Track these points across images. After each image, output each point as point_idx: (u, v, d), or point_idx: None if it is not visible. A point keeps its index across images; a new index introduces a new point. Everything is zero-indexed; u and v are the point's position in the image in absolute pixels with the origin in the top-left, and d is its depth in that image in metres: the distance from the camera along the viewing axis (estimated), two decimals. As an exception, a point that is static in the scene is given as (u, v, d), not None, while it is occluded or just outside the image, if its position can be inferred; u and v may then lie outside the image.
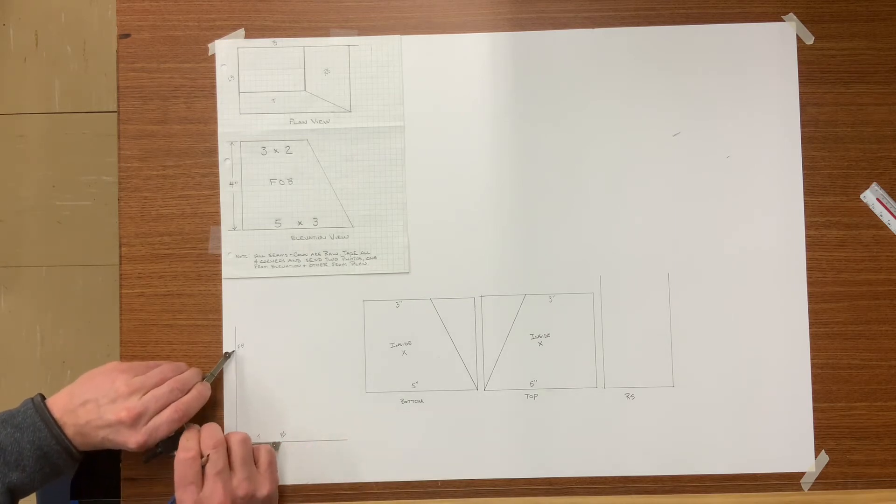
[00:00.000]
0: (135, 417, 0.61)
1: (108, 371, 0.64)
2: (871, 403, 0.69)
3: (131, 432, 0.61)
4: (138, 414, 0.61)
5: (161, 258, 0.70)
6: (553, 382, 0.70)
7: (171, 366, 0.66)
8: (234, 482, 0.62)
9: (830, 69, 0.70)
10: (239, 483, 0.62)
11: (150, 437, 0.61)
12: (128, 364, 0.66)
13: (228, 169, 0.71)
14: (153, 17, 0.71)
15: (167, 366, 0.66)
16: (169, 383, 0.64)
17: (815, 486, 0.69)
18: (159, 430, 0.61)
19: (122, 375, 0.63)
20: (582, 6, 0.71)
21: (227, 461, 0.63)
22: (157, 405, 0.62)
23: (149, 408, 0.61)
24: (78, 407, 0.61)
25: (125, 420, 0.60)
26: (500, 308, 0.70)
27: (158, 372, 0.65)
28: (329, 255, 0.70)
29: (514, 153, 0.71)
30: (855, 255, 0.70)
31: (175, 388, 0.63)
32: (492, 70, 0.71)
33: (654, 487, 0.69)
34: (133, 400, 0.61)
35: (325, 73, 0.71)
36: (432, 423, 0.70)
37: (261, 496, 0.63)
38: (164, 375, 0.64)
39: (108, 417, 0.60)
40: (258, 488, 0.63)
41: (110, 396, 0.61)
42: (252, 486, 0.63)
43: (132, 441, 0.61)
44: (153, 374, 0.64)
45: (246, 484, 0.62)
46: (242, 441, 0.64)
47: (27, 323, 1.29)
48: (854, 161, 0.70)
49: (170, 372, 0.65)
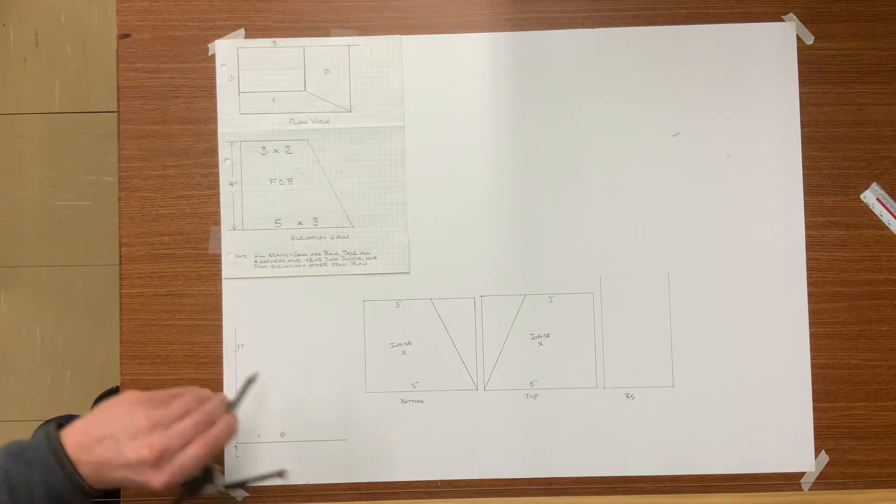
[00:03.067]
0: (158, 456, 0.55)
1: (127, 403, 0.58)
2: (871, 403, 0.69)
3: (155, 472, 0.55)
4: (161, 452, 0.55)
5: (161, 258, 0.70)
6: (553, 382, 0.70)
7: (194, 395, 0.61)
8: (153, 437, 0.56)
9: (830, 69, 0.70)
10: (152, 442, 0.56)
11: (176, 476, 0.56)
12: (147, 394, 0.60)
13: (228, 169, 0.71)
14: (153, 17, 0.71)
15: (190, 395, 0.60)
16: (194, 416, 0.58)
17: (815, 486, 0.69)
18: (185, 469, 0.56)
19: (142, 408, 0.57)
20: (582, 6, 0.71)
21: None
22: (181, 441, 0.56)
23: (173, 444, 0.56)
24: (94, 443, 0.56)
25: (147, 459, 0.55)
26: (500, 308, 0.70)
27: (182, 403, 0.59)
28: (329, 255, 0.70)
29: (514, 153, 0.71)
30: (855, 255, 0.70)
31: (200, 422, 0.58)
32: (492, 70, 0.71)
33: (653, 487, 0.69)
34: (155, 436, 0.56)
35: (325, 73, 0.71)
36: (432, 423, 0.70)
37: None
38: (188, 406, 0.59)
39: (129, 456, 0.55)
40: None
41: (130, 432, 0.56)
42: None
43: (156, 481, 0.55)
44: (176, 406, 0.59)
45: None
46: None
47: (27, 323, 1.29)
48: (854, 161, 0.70)
49: (193, 402, 0.60)
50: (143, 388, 0.69)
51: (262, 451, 0.70)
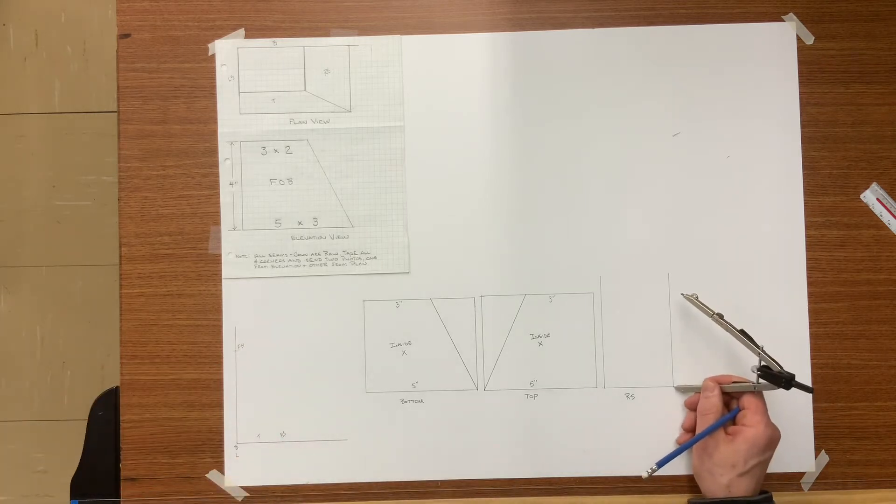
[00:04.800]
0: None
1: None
2: (871, 403, 0.69)
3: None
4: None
5: (161, 258, 0.70)
6: (553, 382, 0.70)
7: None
8: None
9: (830, 69, 0.70)
10: None
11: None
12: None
13: (228, 169, 0.71)
14: (153, 17, 0.71)
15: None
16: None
17: (815, 486, 0.69)
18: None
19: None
20: (582, 6, 0.71)
21: None
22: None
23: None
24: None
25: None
26: (500, 308, 0.70)
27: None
28: (329, 255, 0.70)
29: (514, 153, 0.71)
30: (855, 255, 0.70)
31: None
32: (492, 70, 0.71)
33: (653, 487, 0.69)
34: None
35: (325, 73, 0.71)
36: (432, 423, 0.69)
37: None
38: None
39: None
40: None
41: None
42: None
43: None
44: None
45: None
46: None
47: (27, 323, 1.29)
48: (854, 161, 0.70)
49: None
50: (143, 388, 0.70)
51: (262, 451, 0.70)
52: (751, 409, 0.64)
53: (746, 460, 0.62)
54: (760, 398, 0.65)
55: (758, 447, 0.62)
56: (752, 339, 0.65)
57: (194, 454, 0.70)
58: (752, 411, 0.64)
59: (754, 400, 0.64)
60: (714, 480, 0.63)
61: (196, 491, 0.70)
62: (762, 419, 0.63)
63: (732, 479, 0.62)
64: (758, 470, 0.62)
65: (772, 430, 0.63)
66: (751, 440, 0.62)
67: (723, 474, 0.63)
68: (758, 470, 0.62)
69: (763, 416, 0.63)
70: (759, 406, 0.64)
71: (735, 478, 0.62)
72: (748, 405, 0.64)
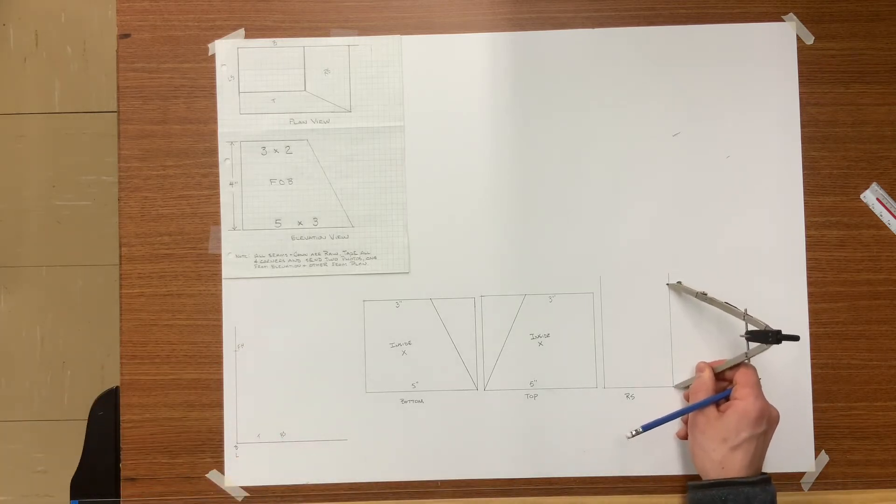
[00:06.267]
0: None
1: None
2: (871, 403, 0.69)
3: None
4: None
5: (161, 258, 0.70)
6: (553, 382, 0.70)
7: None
8: None
9: (830, 69, 0.70)
10: None
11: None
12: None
13: (228, 169, 0.71)
14: (153, 17, 0.71)
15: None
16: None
17: (815, 486, 0.69)
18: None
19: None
20: (582, 6, 0.71)
21: None
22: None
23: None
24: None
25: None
26: (500, 308, 0.70)
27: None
28: (329, 255, 0.70)
29: (514, 153, 0.71)
30: (855, 255, 0.70)
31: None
32: (492, 70, 0.71)
33: (653, 487, 0.69)
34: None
35: (325, 73, 0.71)
36: (432, 423, 0.70)
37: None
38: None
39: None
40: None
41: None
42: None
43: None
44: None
45: None
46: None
47: (27, 323, 1.29)
48: (854, 161, 0.70)
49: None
50: (143, 388, 0.70)
51: (262, 451, 0.70)
52: (741, 382, 0.63)
53: (738, 432, 0.61)
54: (752, 372, 0.64)
55: (748, 419, 0.61)
56: (735, 307, 0.65)
57: (194, 454, 0.70)
58: (741, 385, 0.63)
59: (745, 373, 0.64)
60: (707, 457, 0.62)
61: (196, 491, 0.70)
62: (752, 391, 0.62)
63: (725, 454, 0.61)
64: (751, 445, 0.61)
65: (762, 402, 0.62)
66: (741, 411, 0.61)
67: (715, 449, 0.62)
68: (751, 445, 0.61)
69: (753, 389, 0.63)
70: (750, 379, 0.63)
71: (728, 452, 0.61)
72: (739, 379, 0.64)
